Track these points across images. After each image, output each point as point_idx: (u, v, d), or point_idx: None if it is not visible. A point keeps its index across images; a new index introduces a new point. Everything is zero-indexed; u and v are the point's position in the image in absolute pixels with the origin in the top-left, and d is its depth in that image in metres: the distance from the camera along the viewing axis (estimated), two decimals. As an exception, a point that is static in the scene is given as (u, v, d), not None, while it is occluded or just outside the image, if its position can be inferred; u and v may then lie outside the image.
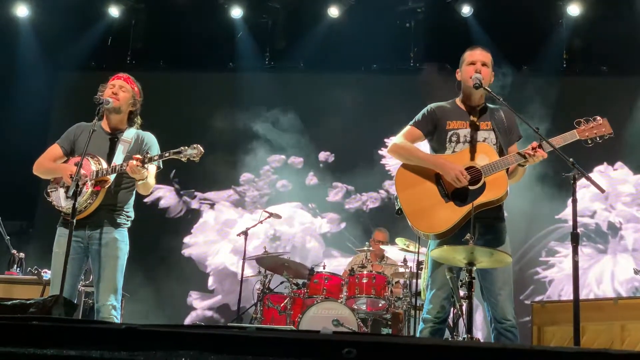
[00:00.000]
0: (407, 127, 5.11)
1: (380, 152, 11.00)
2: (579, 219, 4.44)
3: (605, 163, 10.33)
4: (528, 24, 10.33)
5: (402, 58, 11.19)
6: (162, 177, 8.41)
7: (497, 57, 9.71)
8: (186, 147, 5.17)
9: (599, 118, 4.77)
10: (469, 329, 4.43)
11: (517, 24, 10.29)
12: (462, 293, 4.77)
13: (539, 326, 7.09)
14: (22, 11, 10.93)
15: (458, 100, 5.12)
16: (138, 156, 5.18)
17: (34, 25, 11.05)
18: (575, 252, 4.30)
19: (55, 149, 5.55)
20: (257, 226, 9.42)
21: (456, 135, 4.96)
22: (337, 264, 10.69)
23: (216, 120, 11.13)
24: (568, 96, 10.41)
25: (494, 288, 4.78)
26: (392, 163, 10.91)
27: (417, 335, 4.94)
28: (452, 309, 5.20)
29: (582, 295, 9.53)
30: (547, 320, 7.05)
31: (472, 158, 4.83)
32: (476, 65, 4.99)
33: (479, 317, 9.39)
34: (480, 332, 9.72)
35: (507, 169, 4.80)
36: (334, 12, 10.79)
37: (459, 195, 4.78)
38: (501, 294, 4.77)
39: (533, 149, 4.66)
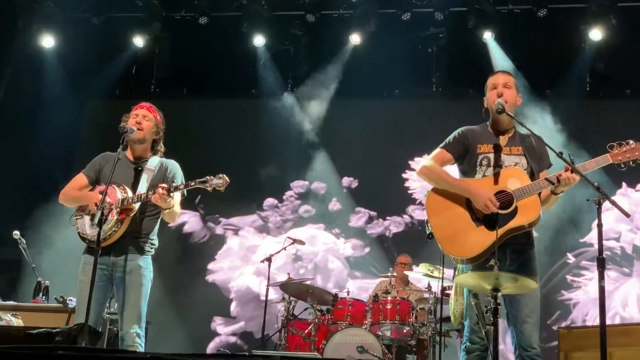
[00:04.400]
0: (437, 150, 5.08)
1: (404, 175, 10.99)
2: (604, 242, 4.39)
3: (624, 184, 10.25)
4: (550, 49, 10.31)
5: (424, 83, 11.21)
6: (187, 203, 8.44)
7: (519, 82, 9.74)
8: (212, 177, 5.16)
9: (632, 142, 4.70)
10: (495, 356, 4.38)
11: (539, 49, 10.29)
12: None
13: (566, 352, 6.99)
14: (48, 42, 11.07)
15: (488, 125, 5.09)
16: (164, 185, 5.20)
17: (60, 55, 11.17)
18: (601, 277, 4.25)
19: (80, 178, 5.59)
20: (280, 247, 9.45)
21: (487, 159, 4.92)
22: (361, 284, 10.70)
23: (239, 146, 11.21)
24: (592, 120, 10.37)
25: (521, 315, 4.74)
26: (414, 186, 10.90)
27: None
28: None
29: (608, 317, 9.44)
30: (574, 346, 6.95)
31: (504, 181, 4.79)
32: (498, 88, 4.99)
33: (508, 340, 9.31)
34: (512, 355, 9.63)
35: (540, 194, 4.76)
36: (355, 39, 10.83)
37: (490, 220, 4.72)
38: (528, 321, 4.73)
39: (565, 171, 4.63)
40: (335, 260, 11.11)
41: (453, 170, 5.12)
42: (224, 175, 5.16)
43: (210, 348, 10.87)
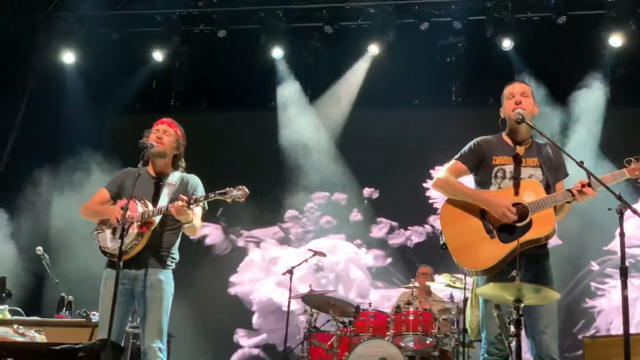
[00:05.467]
0: (452, 162, 5.06)
1: (424, 184, 10.95)
2: (627, 250, 4.36)
3: (645, 190, 10.17)
4: (570, 56, 10.26)
5: (443, 93, 11.21)
6: (208, 215, 8.44)
7: (539, 89, 9.71)
8: (232, 189, 5.17)
9: None
10: (519, 367, 4.34)
11: (558, 56, 10.24)
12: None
13: (591, 362, 6.95)
14: (68, 58, 11.18)
15: (504, 135, 5.05)
16: (184, 197, 5.22)
17: (80, 71, 11.27)
18: (624, 286, 4.22)
19: (102, 193, 5.62)
20: (301, 257, 9.45)
21: (502, 171, 4.89)
22: (383, 293, 10.67)
23: (259, 158, 11.23)
24: (613, 126, 10.29)
25: (539, 326, 4.69)
26: (435, 196, 10.85)
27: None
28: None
29: (632, 326, 9.33)
30: (598, 356, 6.90)
31: (519, 194, 4.76)
32: (516, 97, 4.96)
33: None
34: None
35: (555, 207, 4.72)
36: (374, 49, 10.83)
37: (504, 232, 4.70)
38: (546, 332, 4.69)
39: (582, 186, 4.60)
40: (357, 270, 11.09)
41: (469, 181, 5.10)
42: (244, 187, 5.17)
43: (233, 361, 10.90)
